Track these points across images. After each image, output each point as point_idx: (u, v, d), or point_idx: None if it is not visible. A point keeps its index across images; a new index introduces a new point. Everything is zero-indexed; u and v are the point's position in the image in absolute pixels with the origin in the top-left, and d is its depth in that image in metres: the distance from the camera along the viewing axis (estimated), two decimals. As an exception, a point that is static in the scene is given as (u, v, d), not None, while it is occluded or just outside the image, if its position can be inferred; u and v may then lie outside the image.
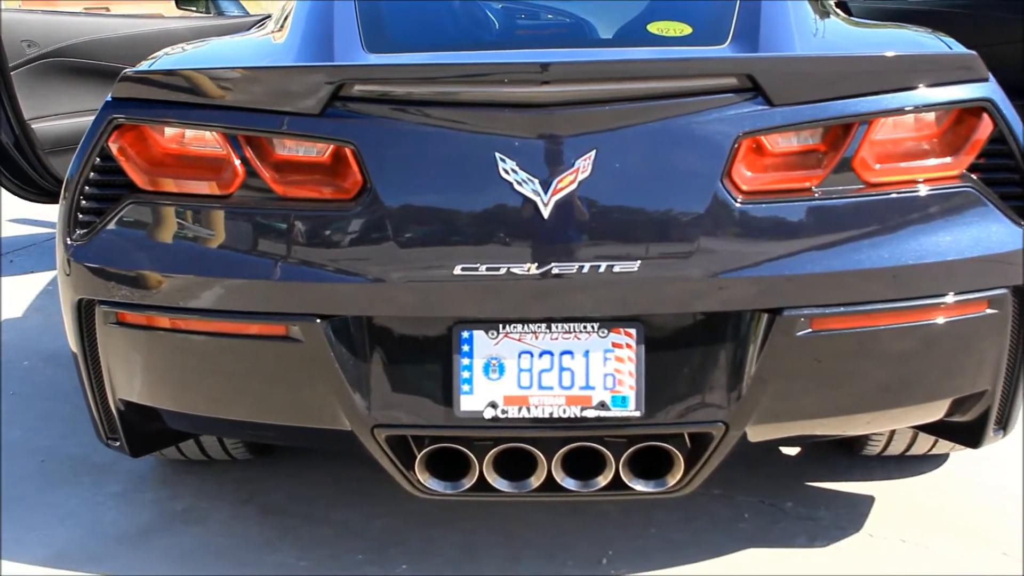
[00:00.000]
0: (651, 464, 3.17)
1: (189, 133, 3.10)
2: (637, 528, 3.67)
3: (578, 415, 3.01)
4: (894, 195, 2.99)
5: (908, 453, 3.92)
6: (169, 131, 3.12)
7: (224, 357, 3.13)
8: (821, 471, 3.98)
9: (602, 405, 3.01)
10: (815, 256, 2.95)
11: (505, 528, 3.70)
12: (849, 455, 4.05)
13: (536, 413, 3.02)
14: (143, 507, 3.84)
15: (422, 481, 3.14)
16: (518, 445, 3.08)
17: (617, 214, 2.92)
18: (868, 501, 3.79)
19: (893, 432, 3.78)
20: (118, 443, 3.42)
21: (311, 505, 3.83)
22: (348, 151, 2.96)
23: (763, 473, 3.96)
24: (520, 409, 3.02)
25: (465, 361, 3.02)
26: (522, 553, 3.56)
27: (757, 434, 3.13)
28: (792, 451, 4.13)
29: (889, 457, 4.00)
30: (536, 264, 2.90)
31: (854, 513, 3.73)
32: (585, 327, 3.02)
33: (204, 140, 3.09)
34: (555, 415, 3.02)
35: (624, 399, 3.01)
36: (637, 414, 3.01)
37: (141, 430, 3.42)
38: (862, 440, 3.92)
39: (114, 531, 3.72)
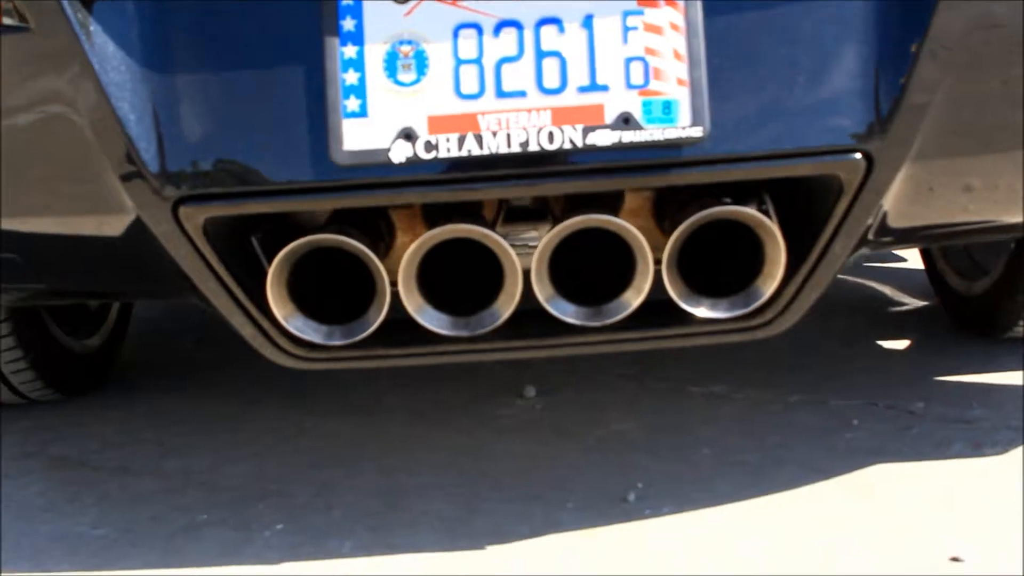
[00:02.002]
0: (717, 264, 1.56)
1: None
2: (678, 452, 2.04)
3: (579, 143, 1.40)
4: None
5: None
6: None
7: None
8: (950, 363, 2.38)
9: (626, 121, 1.41)
10: None
11: (452, 459, 2.06)
12: (984, 342, 2.45)
13: (494, 145, 1.41)
14: None
15: (283, 320, 1.51)
16: (462, 230, 1.47)
17: None
18: (1042, 394, 2.19)
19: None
20: None
21: (134, 454, 2.18)
22: None
23: (855, 373, 2.36)
24: (462, 141, 1.41)
25: (349, 51, 1.42)
26: (484, 496, 1.92)
27: (910, 196, 1.53)
28: (896, 343, 2.53)
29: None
30: None
31: (1029, 409, 2.12)
32: (583, -33, 1.42)
33: None
34: (533, 146, 1.41)
35: (668, 106, 1.41)
36: (697, 133, 1.40)
37: None
38: (1004, 318, 2.33)
39: None
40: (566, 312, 1.53)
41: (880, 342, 2.53)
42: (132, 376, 2.57)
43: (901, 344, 2.52)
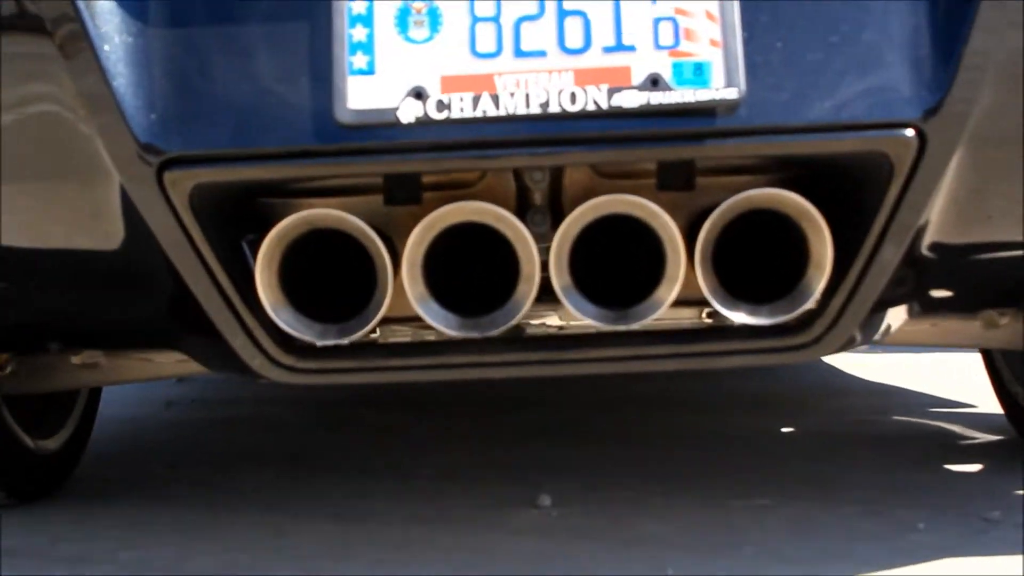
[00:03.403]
0: (754, 267, 1.60)
1: None
2: (717, 551, 2.02)
3: (604, 105, 1.47)
4: None
5: None
6: None
7: None
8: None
9: (655, 82, 1.48)
10: None
11: (454, 556, 2.03)
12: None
13: (512, 106, 1.48)
14: None
15: (271, 310, 1.54)
16: (475, 209, 1.52)
17: None
18: None
19: None
20: None
21: (90, 548, 2.16)
22: None
23: (919, 489, 2.34)
24: (477, 101, 1.48)
25: (358, 6, 1.51)
26: None
27: (965, 194, 1.58)
28: (967, 467, 2.52)
29: None
30: None
31: (1122, 518, 2.10)
32: (609, -76, 1.53)
33: None
34: (553, 108, 1.48)
35: (700, 68, 1.48)
36: (732, 95, 1.47)
37: None
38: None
39: None
40: (588, 313, 1.55)
41: (948, 466, 2.52)
42: (94, 487, 2.56)
43: (973, 467, 2.50)
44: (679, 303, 1.63)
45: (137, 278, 1.65)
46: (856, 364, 4.22)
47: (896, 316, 1.80)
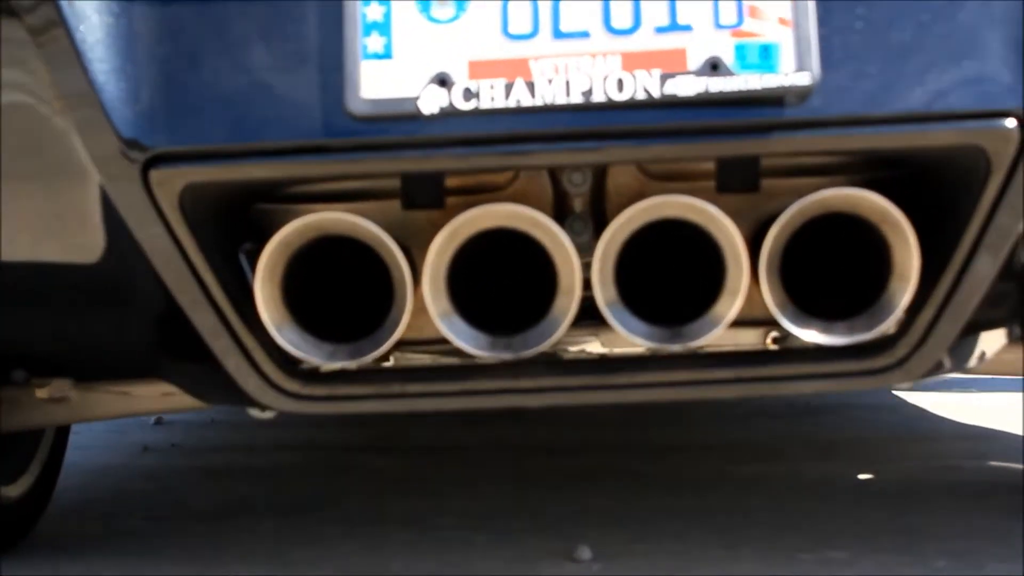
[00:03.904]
0: (827, 274, 1.63)
1: None
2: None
3: (656, 93, 1.50)
4: None
5: None
6: None
7: None
8: None
9: (715, 67, 1.51)
10: None
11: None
12: None
13: (549, 95, 1.50)
14: None
15: (273, 329, 1.57)
16: (507, 213, 1.55)
17: None
18: None
19: None
20: None
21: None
22: None
23: (1014, 539, 2.36)
24: (509, 89, 1.51)
25: (373, -18, 1.54)
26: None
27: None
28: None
29: None
30: None
31: None
32: None
33: None
34: (597, 96, 1.50)
35: (767, 51, 1.51)
36: (803, 81, 1.50)
37: None
38: None
39: None
40: (637, 331, 1.57)
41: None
42: (62, 540, 2.59)
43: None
44: (739, 322, 1.65)
45: (117, 294, 1.68)
46: (945, 404, 4.23)
47: (992, 340, 1.82)
